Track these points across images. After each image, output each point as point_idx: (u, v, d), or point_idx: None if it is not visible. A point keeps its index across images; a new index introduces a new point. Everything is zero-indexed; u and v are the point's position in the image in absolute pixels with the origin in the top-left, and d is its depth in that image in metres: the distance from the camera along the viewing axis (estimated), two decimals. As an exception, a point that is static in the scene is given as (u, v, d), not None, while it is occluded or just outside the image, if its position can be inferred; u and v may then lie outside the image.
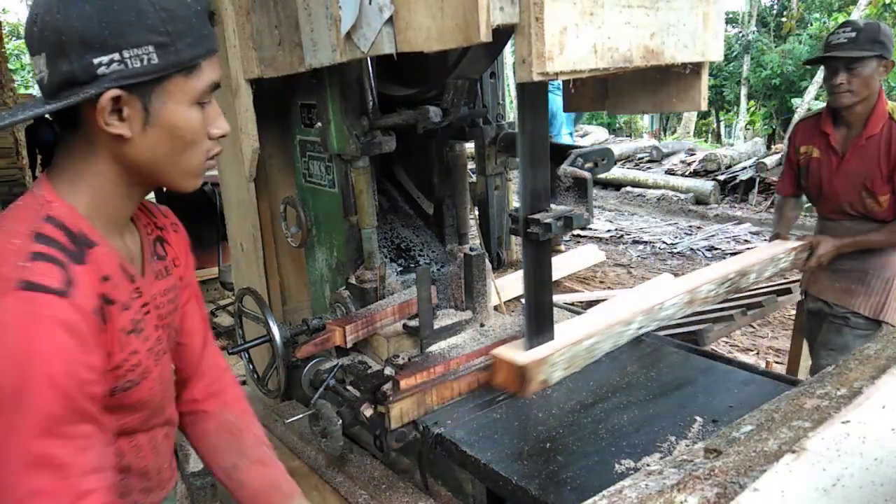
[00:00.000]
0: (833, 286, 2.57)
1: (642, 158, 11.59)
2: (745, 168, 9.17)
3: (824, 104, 2.74)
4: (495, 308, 2.02)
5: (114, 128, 0.88)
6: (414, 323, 1.76)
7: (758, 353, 4.17)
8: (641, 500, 0.92)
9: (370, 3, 1.28)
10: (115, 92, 0.85)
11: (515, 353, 1.45)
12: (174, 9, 0.87)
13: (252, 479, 1.17)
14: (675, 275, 5.76)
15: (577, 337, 1.52)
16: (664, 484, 0.96)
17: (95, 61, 0.84)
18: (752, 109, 15.99)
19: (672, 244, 6.96)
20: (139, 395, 1.00)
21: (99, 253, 0.91)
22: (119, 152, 0.91)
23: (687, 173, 9.91)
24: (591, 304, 4.85)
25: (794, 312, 3.59)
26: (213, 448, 1.22)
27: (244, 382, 2.47)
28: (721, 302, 3.96)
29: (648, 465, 1.27)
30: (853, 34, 2.30)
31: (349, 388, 1.70)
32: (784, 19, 16.13)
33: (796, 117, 11.04)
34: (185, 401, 1.23)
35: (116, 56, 0.84)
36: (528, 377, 1.40)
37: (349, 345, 1.74)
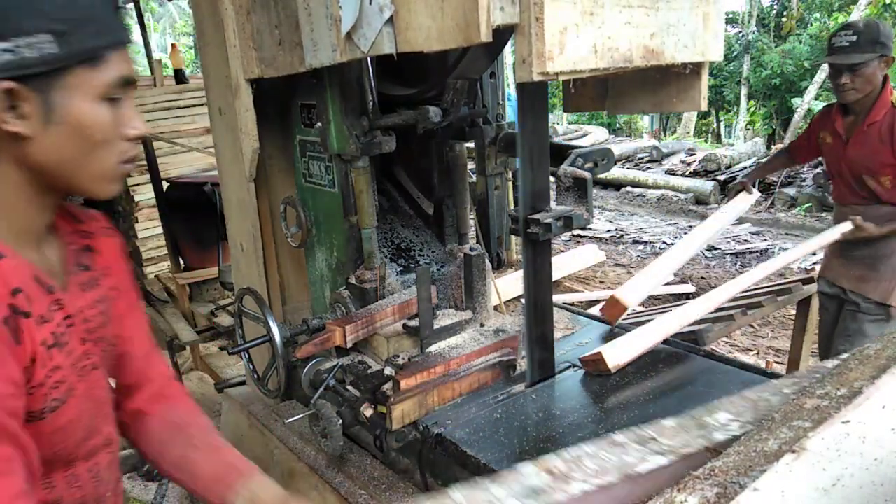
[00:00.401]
0: (848, 273, 2.72)
1: (642, 158, 11.60)
2: (745, 168, 9.18)
3: (823, 104, 2.91)
4: (495, 308, 2.02)
5: (10, 125, 0.81)
6: (414, 323, 1.76)
7: (758, 353, 4.17)
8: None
9: (370, 3, 1.28)
10: (8, 84, 0.78)
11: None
12: None
13: (204, 467, 1.07)
14: (675, 275, 5.76)
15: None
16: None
17: None
18: (752, 109, 16.00)
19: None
20: (68, 414, 0.92)
21: (6, 266, 0.84)
22: (20, 154, 0.84)
23: (687, 173, 9.92)
24: (590, 303, 4.84)
25: (794, 312, 3.59)
26: (159, 446, 1.13)
27: (244, 382, 2.47)
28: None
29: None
30: (854, 37, 2.41)
31: (349, 388, 1.70)
32: (784, 19, 16.14)
33: (797, 117, 11.06)
34: (128, 411, 1.16)
35: (6, 45, 0.77)
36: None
37: (349, 345, 1.74)
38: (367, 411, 1.57)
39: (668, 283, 5.45)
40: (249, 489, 1.02)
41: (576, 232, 7.11)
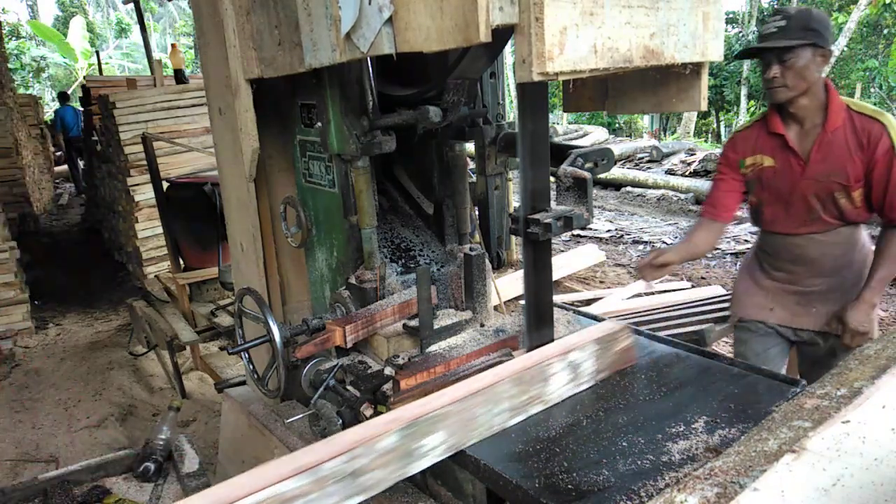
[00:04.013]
0: (808, 312, 2.32)
1: (642, 158, 11.61)
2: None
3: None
4: (495, 308, 2.02)
5: None
6: (414, 323, 1.76)
7: (758, 353, 4.16)
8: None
9: (370, 3, 1.28)
10: None
11: None
12: None
13: None
14: (675, 274, 5.77)
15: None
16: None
17: None
18: (752, 109, 16.00)
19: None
20: None
21: None
22: None
23: (687, 173, 9.92)
24: (590, 303, 4.85)
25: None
26: None
27: (244, 382, 2.47)
28: (721, 302, 3.97)
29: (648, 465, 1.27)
30: (783, 22, 2.08)
31: (349, 388, 1.70)
32: (784, 19, 16.11)
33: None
34: None
35: None
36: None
37: (349, 345, 1.74)
38: (368, 411, 1.57)
39: (662, 281, 5.45)
40: None
41: (576, 232, 7.11)
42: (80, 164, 12.02)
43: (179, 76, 6.98)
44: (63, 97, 13.39)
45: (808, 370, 2.43)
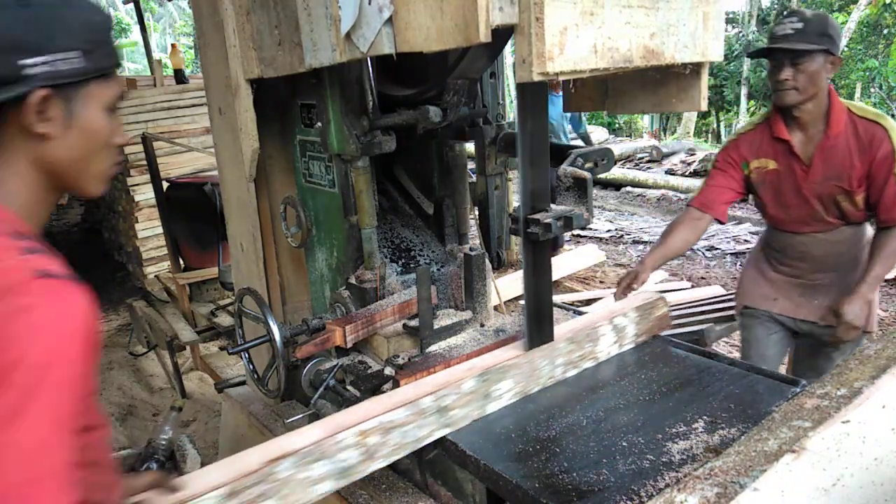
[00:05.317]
0: (811, 304, 2.35)
1: (642, 158, 11.60)
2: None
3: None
4: (495, 308, 2.02)
5: (39, 127, 0.94)
6: (414, 323, 1.76)
7: (758, 353, 4.16)
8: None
9: (370, 3, 1.28)
10: (44, 91, 0.92)
11: None
12: (93, 22, 0.98)
13: None
14: (674, 275, 5.77)
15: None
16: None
17: (22, 62, 0.91)
18: (752, 109, 15.99)
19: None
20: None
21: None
22: (38, 155, 0.98)
23: (687, 173, 9.91)
24: (590, 303, 4.85)
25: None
26: None
27: (244, 382, 2.47)
28: (721, 302, 3.97)
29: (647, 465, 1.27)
30: (800, 25, 2.06)
31: (349, 388, 1.70)
32: (784, 19, 16.10)
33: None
34: None
35: (46, 58, 0.92)
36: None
37: (349, 345, 1.74)
38: (367, 411, 1.57)
39: (662, 281, 5.44)
40: None
41: (576, 232, 7.11)
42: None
43: (179, 76, 6.97)
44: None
45: (803, 359, 2.49)
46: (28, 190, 0.99)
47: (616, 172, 10.35)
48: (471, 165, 2.14)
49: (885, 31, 14.82)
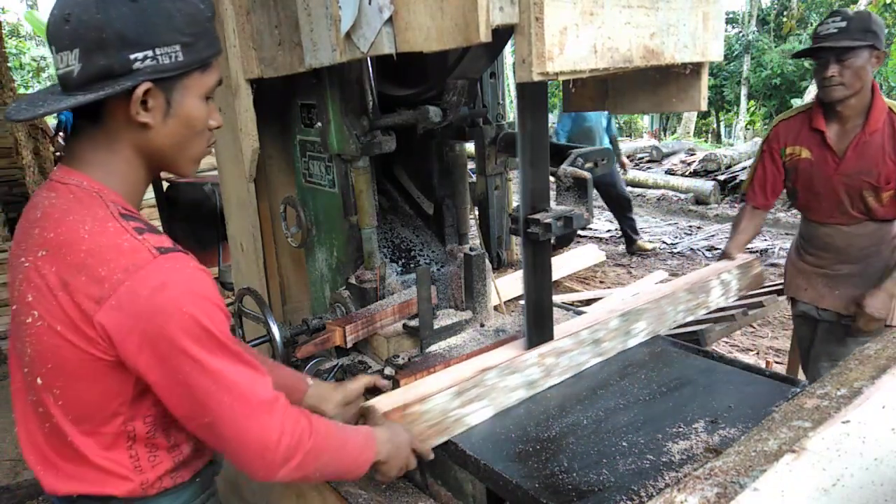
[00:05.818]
0: (833, 294, 2.44)
1: (642, 158, 11.59)
2: (745, 168, 9.17)
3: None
4: (495, 308, 2.02)
5: (142, 117, 1.00)
6: (414, 323, 1.76)
7: (758, 353, 4.17)
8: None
9: (370, 3, 1.28)
10: (148, 84, 0.98)
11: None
12: (195, 14, 1.01)
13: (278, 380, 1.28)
14: (675, 275, 5.77)
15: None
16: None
17: (132, 56, 0.96)
18: (752, 109, 16.01)
19: (672, 244, 6.96)
20: None
21: None
22: (140, 142, 1.04)
23: (687, 173, 9.90)
24: (590, 303, 4.85)
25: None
26: None
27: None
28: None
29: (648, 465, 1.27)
30: (843, 24, 2.16)
31: (349, 388, 1.70)
32: (784, 19, 16.14)
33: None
34: None
35: (150, 53, 0.97)
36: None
37: (349, 345, 1.74)
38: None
39: (662, 281, 5.44)
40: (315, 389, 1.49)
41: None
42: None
43: (179, 76, 6.98)
44: (63, 97, 13.35)
45: (819, 345, 2.56)
46: (132, 173, 1.07)
47: (616, 172, 10.32)
48: (471, 165, 2.14)
49: (886, 31, 14.82)
